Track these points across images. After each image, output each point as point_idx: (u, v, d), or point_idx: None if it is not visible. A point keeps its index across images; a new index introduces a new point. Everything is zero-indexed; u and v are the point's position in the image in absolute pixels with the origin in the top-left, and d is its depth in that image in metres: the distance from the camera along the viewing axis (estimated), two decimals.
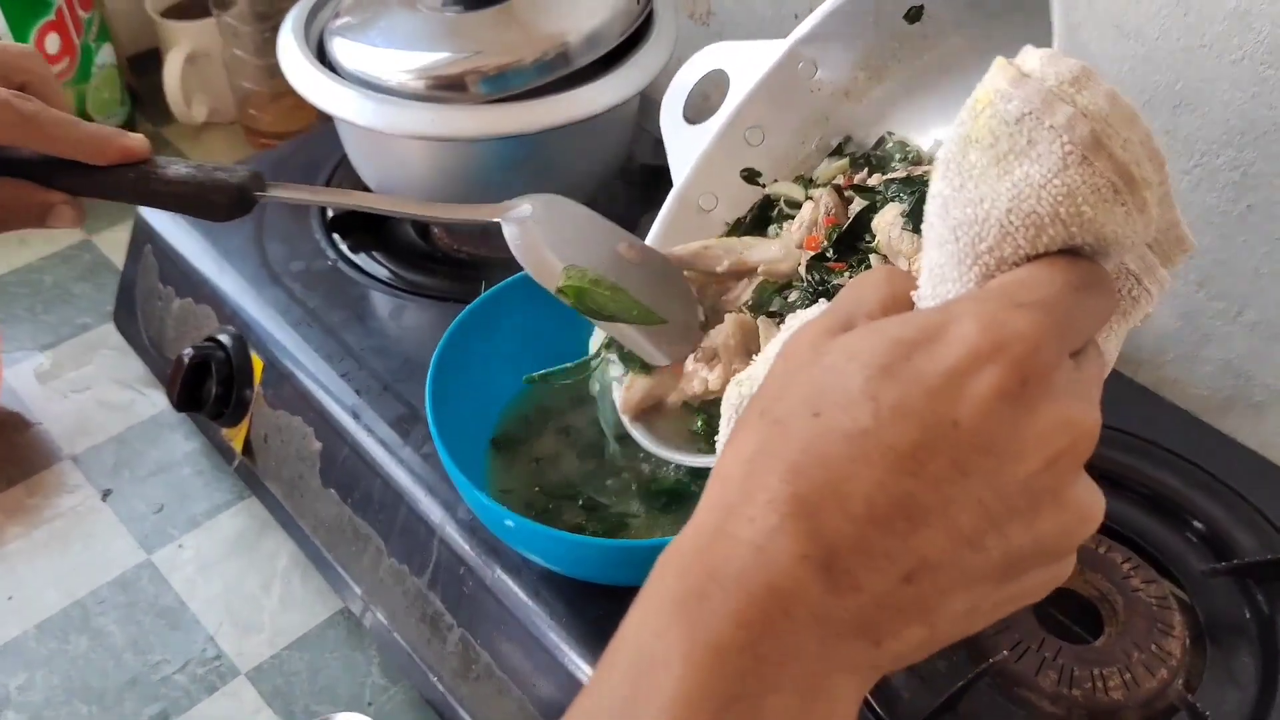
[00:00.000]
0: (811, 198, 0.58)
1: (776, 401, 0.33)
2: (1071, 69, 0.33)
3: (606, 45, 0.75)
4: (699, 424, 0.55)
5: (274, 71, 1.08)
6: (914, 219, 0.50)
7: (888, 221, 0.52)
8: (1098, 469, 0.70)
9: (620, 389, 0.57)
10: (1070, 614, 0.64)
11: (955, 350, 0.31)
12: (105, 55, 1.09)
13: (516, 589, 0.63)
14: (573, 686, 0.60)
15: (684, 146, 0.60)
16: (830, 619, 0.30)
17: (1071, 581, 0.64)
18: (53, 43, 1.04)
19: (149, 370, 0.92)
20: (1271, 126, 0.70)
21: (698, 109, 0.62)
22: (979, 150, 0.34)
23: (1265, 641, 0.62)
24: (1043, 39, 0.44)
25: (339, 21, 0.81)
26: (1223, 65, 0.70)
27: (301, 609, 0.76)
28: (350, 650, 0.74)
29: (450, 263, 0.85)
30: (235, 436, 0.81)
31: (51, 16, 1.02)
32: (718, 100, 0.61)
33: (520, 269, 0.64)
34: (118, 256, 1.03)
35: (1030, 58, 0.34)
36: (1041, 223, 0.33)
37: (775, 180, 0.62)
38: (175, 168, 0.58)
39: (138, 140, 0.57)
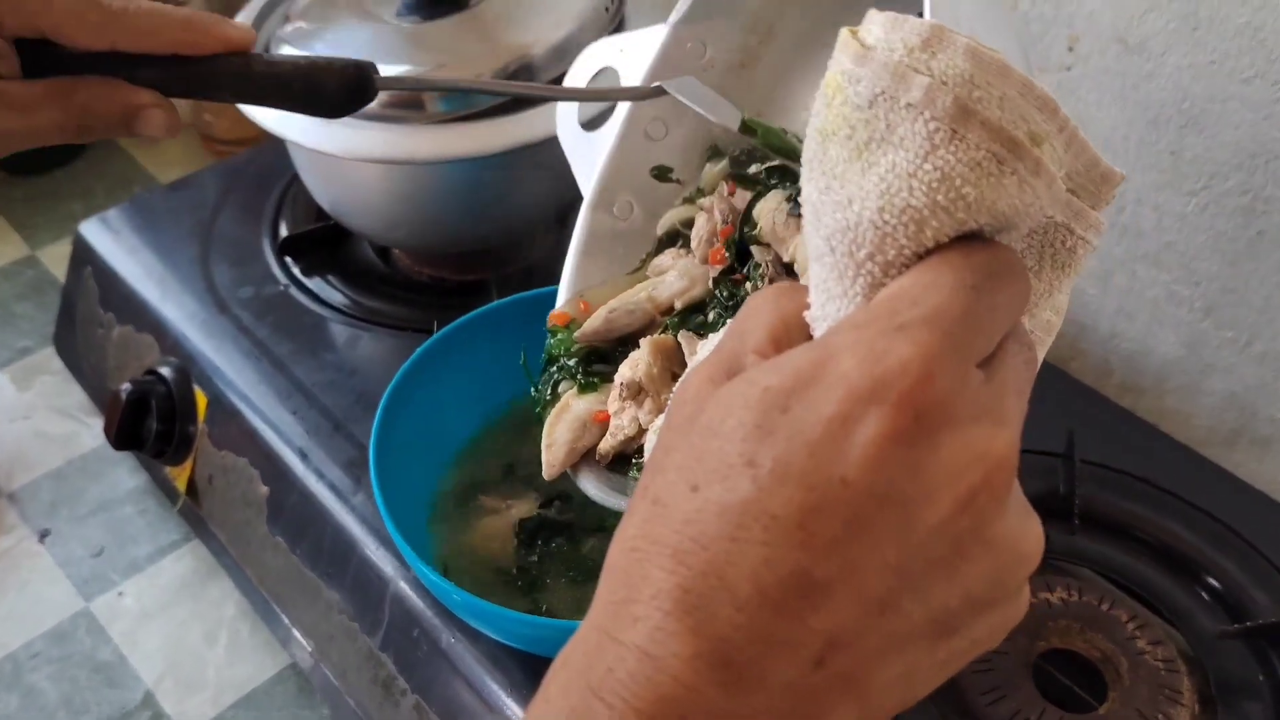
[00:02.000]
0: (703, 208, 0.54)
1: (657, 475, 0.29)
2: (919, 31, 0.28)
3: (574, 57, 0.69)
4: (634, 474, 0.50)
5: None
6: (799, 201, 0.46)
7: (770, 208, 0.48)
8: (1104, 516, 0.66)
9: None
10: (1072, 676, 0.59)
11: (834, 394, 0.27)
12: None
13: (472, 655, 0.58)
14: None
15: (587, 156, 0.56)
16: (733, 713, 0.26)
17: (1072, 642, 0.60)
18: None
19: (91, 399, 0.86)
20: None
21: (594, 113, 0.57)
22: (837, 144, 0.29)
23: (1279, 705, 0.58)
24: None
25: (289, 28, 0.76)
26: (1233, 84, 0.65)
27: (249, 663, 0.72)
28: (299, 709, 0.69)
29: (410, 287, 0.80)
30: (179, 476, 0.76)
31: None
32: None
33: (473, 311, 0.60)
34: (63, 273, 0.97)
35: (873, 26, 0.29)
36: (921, 216, 0.28)
37: (681, 206, 0.57)
38: (281, 57, 0.51)
39: (240, 29, 0.50)
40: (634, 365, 0.49)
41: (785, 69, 0.56)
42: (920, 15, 0.35)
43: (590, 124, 0.56)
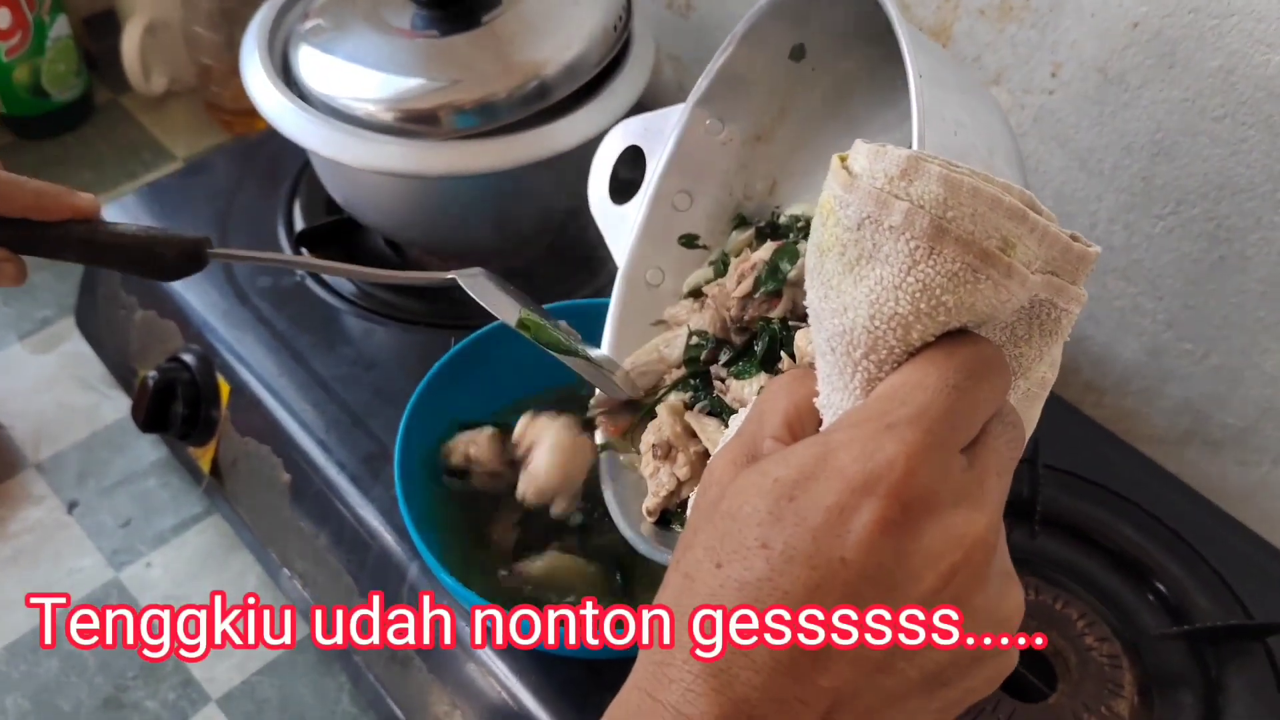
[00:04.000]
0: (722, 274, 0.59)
1: (687, 551, 0.34)
2: (898, 162, 0.32)
3: (584, 76, 0.73)
4: (676, 527, 0.55)
5: (234, 47, 1.05)
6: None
7: (809, 341, 0.52)
8: (1063, 520, 0.71)
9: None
10: (1026, 667, 0.65)
11: (834, 487, 0.31)
12: (60, 28, 1.04)
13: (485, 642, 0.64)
14: None
15: (617, 227, 0.61)
16: None
17: (1028, 636, 0.66)
18: (3, 17, 0.99)
19: (111, 373, 0.90)
20: (1247, 184, 0.70)
21: (623, 186, 0.62)
22: (832, 259, 0.34)
23: (1209, 703, 0.64)
24: None
25: (308, 25, 0.78)
26: (1204, 121, 0.70)
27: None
28: (320, 676, 0.75)
29: None
30: (203, 457, 0.80)
31: None
32: (640, 174, 0.62)
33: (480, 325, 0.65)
34: None
35: (858, 157, 0.33)
36: (907, 322, 0.33)
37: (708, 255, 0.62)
38: (124, 226, 0.57)
39: (86, 199, 0.57)
40: (658, 430, 0.53)
41: (799, 141, 0.60)
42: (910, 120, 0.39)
43: (620, 197, 0.60)
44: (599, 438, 0.59)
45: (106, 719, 0.73)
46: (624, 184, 0.62)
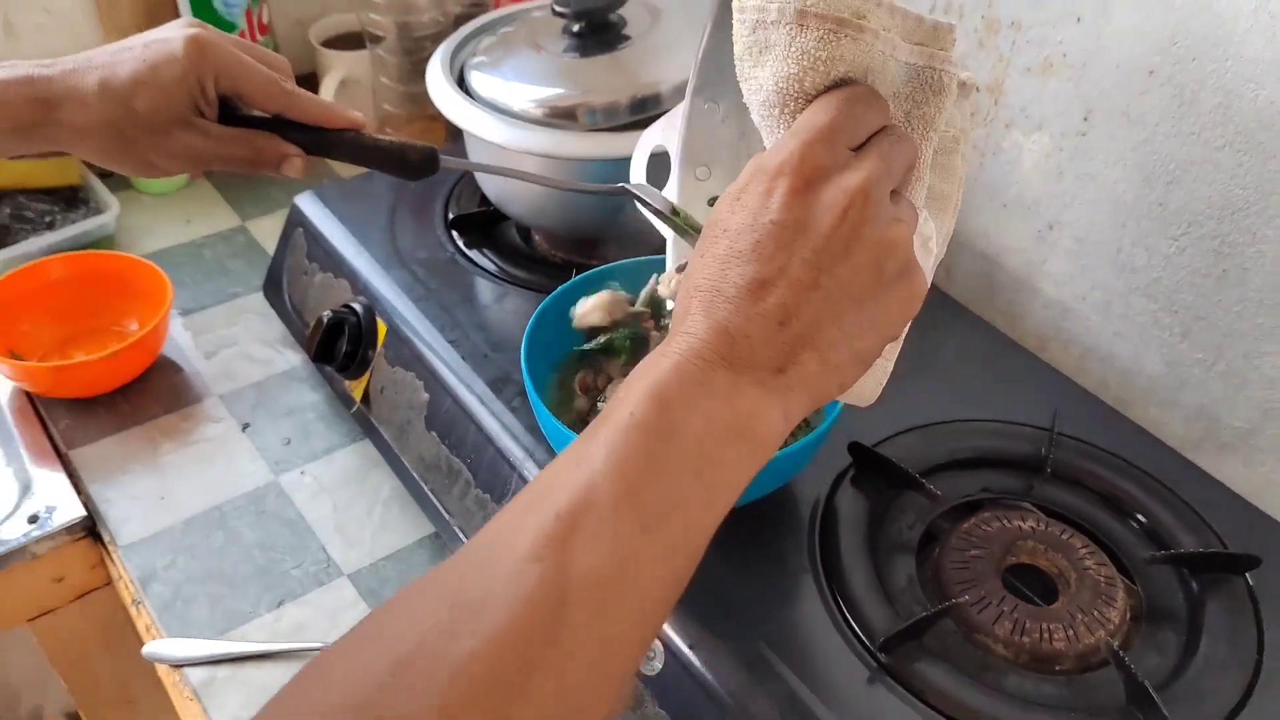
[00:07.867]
0: None
1: (689, 262, 0.51)
2: None
3: None
4: None
5: (412, 98, 1.28)
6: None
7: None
8: (1071, 473, 0.82)
9: None
10: (1032, 585, 0.76)
11: (761, 180, 0.48)
12: None
13: None
14: None
15: (655, 198, 0.76)
16: (735, 359, 0.46)
17: (1036, 559, 0.77)
18: None
19: (288, 334, 1.09)
20: (1244, 204, 0.83)
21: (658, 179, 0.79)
22: (745, 59, 0.51)
23: (1192, 621, 0.74)
24: None
25: (477, 59, 0.99)
26: (1209, 150, 0.83)
27: (397, 532, 0.92)
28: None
29: (546, 264, 1.01)
30: (356, 388, 0.97)
31: None
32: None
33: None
34: (266, 241, 1.22)
35: None
36: (799, 77, 0.49)
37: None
38: (382, 136, 0.75)
39: (358, 114, 0.77)
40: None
41: None
42: None
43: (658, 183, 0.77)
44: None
45: (259, 582, 0.88)
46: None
